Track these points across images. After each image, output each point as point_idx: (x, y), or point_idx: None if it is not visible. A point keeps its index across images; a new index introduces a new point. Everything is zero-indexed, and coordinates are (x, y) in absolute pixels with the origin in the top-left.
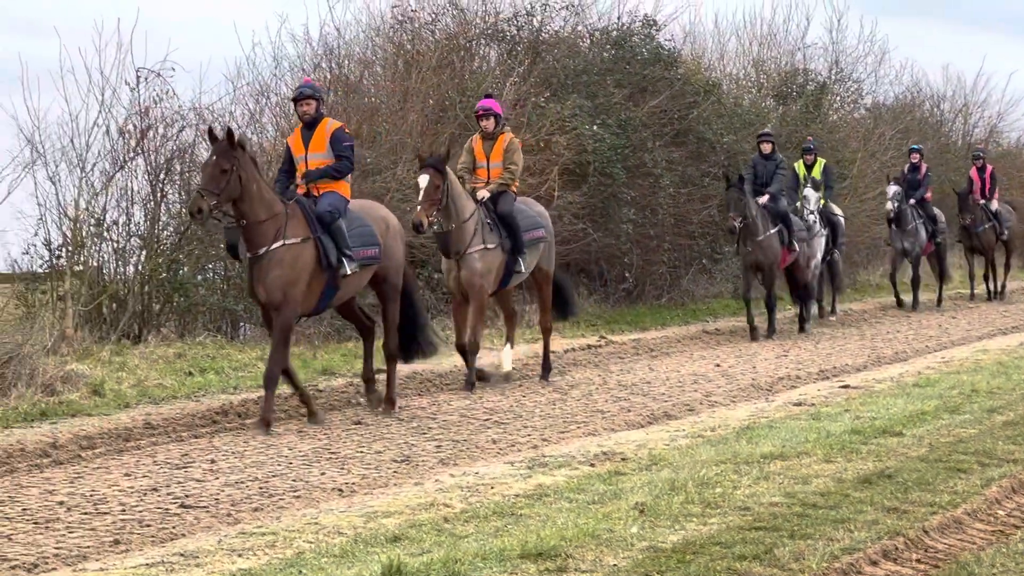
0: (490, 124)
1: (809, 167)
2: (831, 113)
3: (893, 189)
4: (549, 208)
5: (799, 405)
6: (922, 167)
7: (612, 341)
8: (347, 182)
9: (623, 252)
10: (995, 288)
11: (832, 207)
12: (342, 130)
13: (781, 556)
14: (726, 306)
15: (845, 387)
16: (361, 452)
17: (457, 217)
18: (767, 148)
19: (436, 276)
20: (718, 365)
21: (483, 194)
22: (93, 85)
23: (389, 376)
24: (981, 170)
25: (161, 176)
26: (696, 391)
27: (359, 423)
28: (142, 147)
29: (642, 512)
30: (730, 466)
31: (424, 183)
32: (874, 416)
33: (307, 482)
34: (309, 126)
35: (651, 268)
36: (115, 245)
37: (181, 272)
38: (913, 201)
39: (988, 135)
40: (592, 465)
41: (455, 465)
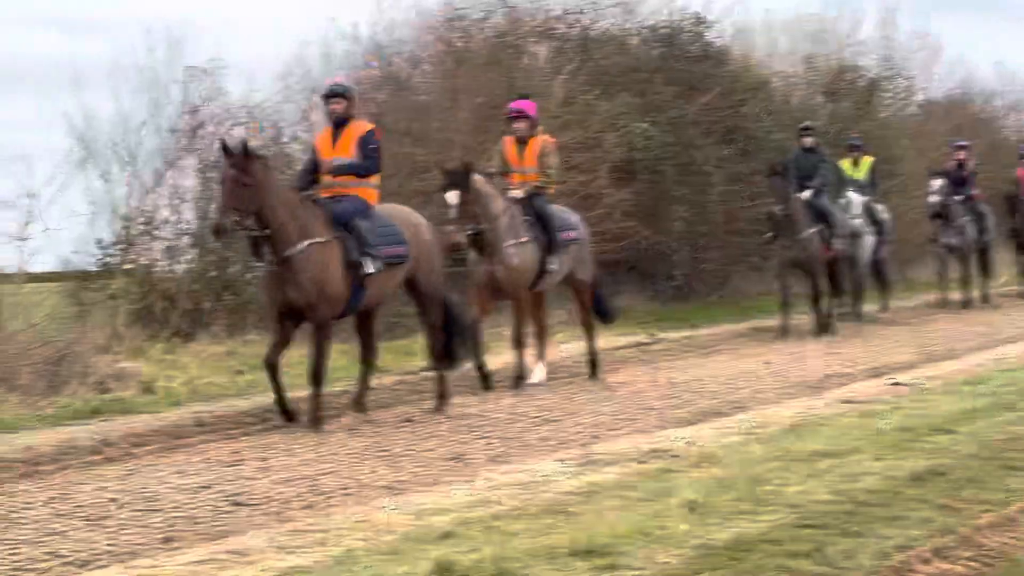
0: (522, 126)
1: (855, 165)
2: (882, 110)
3: (938, 182)
4: (598, 206)
5: (849, 403)
6: (968, 163)
7: (662, 338)
8: (375, 188)
9: (673, 250)
10: None
11: (877, 207)
12: (371, 133)
13: (832, 554)
14: (776, 303)
15: (896, 384)
16: (411, 450)
17: (488, 217)
18: (809, 142)
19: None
20: (768, 362)
21: (517, 193)
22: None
23: (439, 377)
24: None
25: (211, 174)
26: (746, 388)
27: (409, 421)
28: (192, 145)
29: (692, 509)
30: (780, 463)
31: (454, 200)
32: (925, 413)
33: (357, 480)
34: (338, 126)
35: (701, 265)
36: (166, 243)
37: (231, 270)
38: (960, 198)
39: None
40: (642, 462)
41: (505, 463)
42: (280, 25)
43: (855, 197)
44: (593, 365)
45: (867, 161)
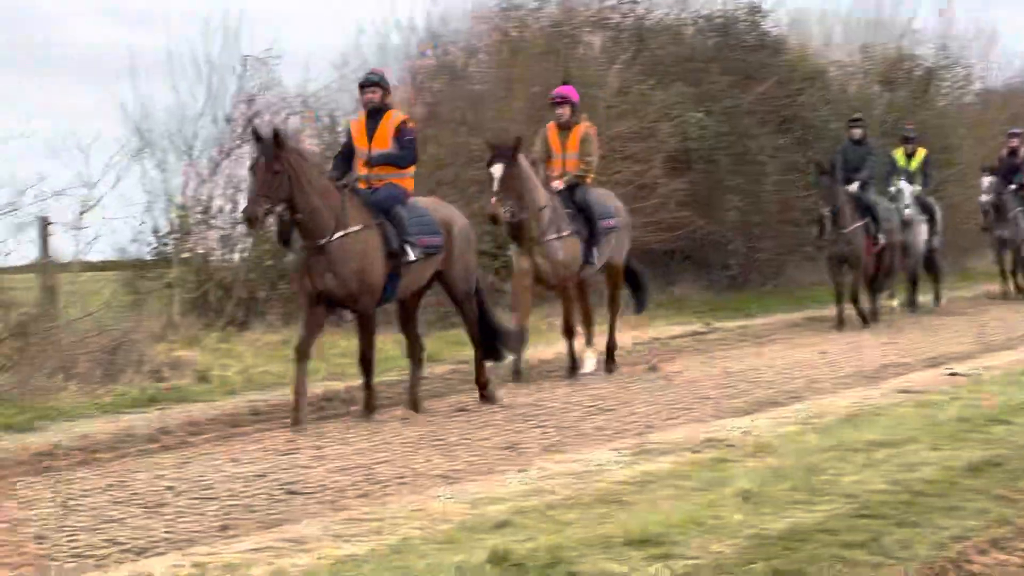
0: (566, 112)
1: (909, 156)
2: (939, 99)
3: (988, 180)
4: (653, 196)
5: (905, 392)
6: (1021, 151)
7: (717, 328)
8: (410, 178)
9: (728, 239)
10: None
11: (928, 200)
12: (406, 124)
13: (888, 544)
14: (831, 293)
15: (953, 374)
16: (466, 439)
17: (531, 206)
18: (858, 133)
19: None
20: (823, 352)
21: (558, 184)
22: (201, 74)
23: (477, 364)
24: None
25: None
26: (801, 378)
27: (463, 410)
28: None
29: (747, 499)
30: (836, 453)
31: (498, 173)
32: (983, 404)
33: (412, 469)
34: (373, 116)
35: (756, 255)
36: (221, 232)
37: (286, 259)
38: (1013, 187)
39: None
40: (697, 452)
41: (560, 452)
42: (336, 15)
43: (906, 186)
44: (610, 351)
45: (921, 153)
